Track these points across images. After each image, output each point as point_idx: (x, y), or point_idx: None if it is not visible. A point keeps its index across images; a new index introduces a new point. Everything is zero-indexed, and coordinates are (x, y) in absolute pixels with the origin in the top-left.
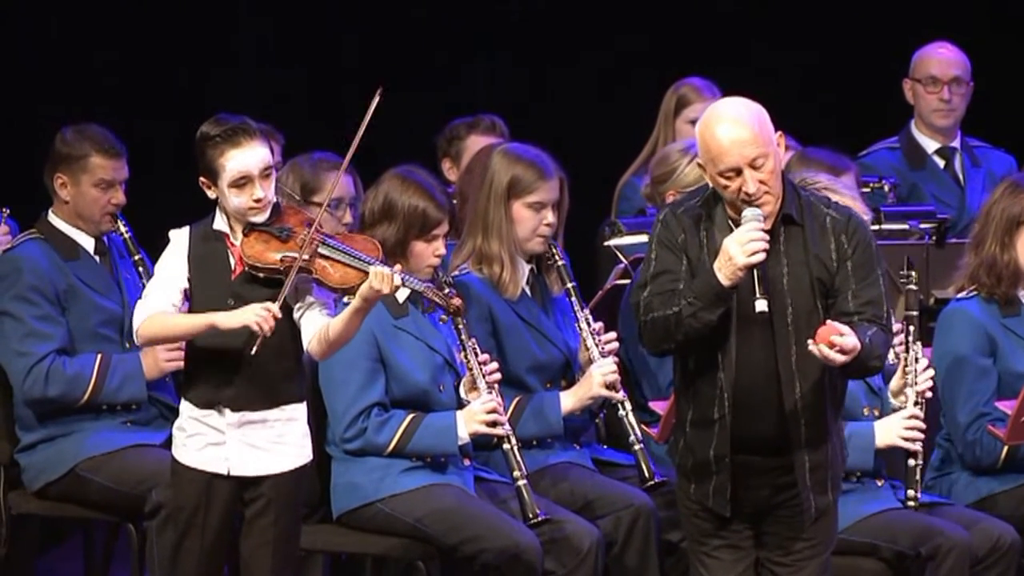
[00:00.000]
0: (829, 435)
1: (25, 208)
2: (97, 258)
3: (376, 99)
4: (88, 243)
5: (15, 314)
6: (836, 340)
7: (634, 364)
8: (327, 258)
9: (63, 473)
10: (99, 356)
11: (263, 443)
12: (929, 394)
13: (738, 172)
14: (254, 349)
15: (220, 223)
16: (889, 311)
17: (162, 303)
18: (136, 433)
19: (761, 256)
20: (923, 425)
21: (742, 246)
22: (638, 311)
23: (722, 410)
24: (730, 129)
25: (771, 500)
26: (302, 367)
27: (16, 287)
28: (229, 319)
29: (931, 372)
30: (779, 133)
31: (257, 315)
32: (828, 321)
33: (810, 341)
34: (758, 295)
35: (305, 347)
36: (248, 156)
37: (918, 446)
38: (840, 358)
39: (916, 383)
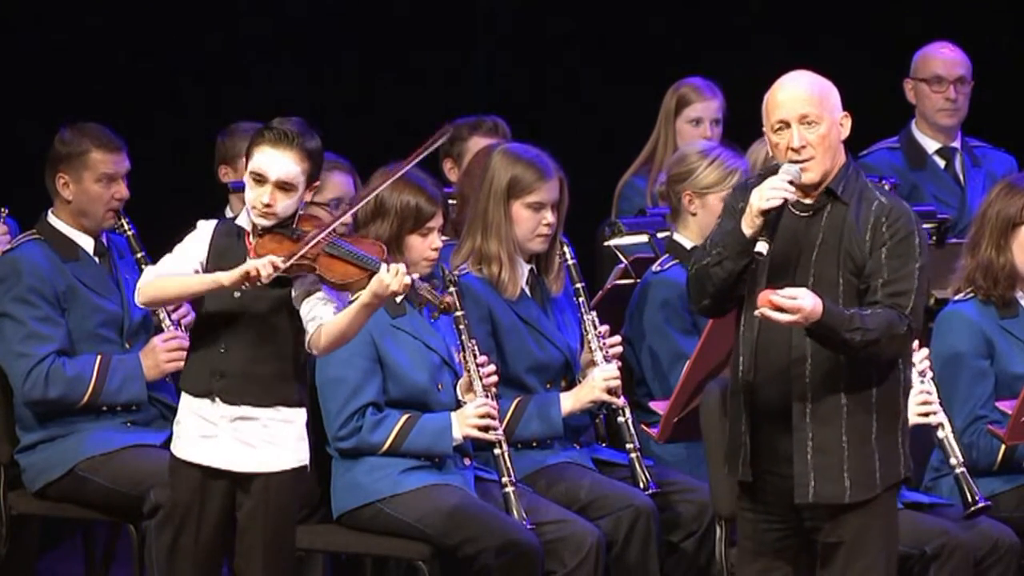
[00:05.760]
0: (844, 420)
1: (25, 209)
2: (97, 259)
3: (442, 138)
4: (88, 244)
5: (15, 316)
6: (774, 299)
7: (643, 364)
8: (331, 256)
9: (63, 473)
10: (99, 357)
11: (255, 440)
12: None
13: (787, 126)
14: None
15: (243, 220)
16: (918, 305)
17: (172, 271)
18: (136, 433)
19: (776, 203)
20: (936, 400)
21: (761, 192)
22: (690, 271)
23: (747, 378)
24: (788, 85)
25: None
26: (303, 373)
27: (16, 289)
28: (233, 272)
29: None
30: (845, 114)
31: (259, 263)
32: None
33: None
34: (760, 237)
35: (308, 339)
36: (274, 159)
37: (933, 419)
38: (782, 317)
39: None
